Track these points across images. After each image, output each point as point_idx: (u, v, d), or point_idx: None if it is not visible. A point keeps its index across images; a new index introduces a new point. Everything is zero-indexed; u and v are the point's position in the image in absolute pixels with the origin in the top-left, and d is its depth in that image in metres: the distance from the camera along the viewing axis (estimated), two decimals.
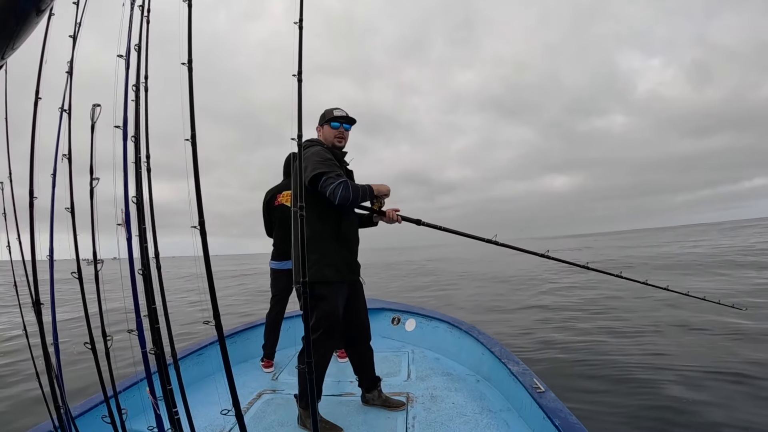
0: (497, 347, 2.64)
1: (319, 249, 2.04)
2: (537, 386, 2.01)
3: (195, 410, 1.39)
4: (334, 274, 2.06)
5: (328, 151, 2.11)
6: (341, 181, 1.94)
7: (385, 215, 2.20)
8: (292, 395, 2.54)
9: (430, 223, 2.24)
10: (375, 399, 2.37)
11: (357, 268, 2.22)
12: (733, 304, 2.80)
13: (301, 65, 1.18)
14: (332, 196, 1.93)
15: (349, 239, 2.17)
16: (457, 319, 3.31)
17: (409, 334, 3.59)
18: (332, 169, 1.99)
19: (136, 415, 1.71)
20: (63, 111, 1.44)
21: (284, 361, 3.22)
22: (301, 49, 1.19)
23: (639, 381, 3.65)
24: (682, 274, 11.23)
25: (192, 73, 1.11)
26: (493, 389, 2.50)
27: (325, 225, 2.07)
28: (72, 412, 1.59)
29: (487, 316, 7.15)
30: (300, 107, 1.17)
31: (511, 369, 2.27)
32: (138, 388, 2.12)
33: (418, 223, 2.23)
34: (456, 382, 2.65)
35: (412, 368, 2.96)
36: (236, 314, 8.78)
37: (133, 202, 1.13)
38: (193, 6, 1.19)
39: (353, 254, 2.21)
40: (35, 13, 0.97)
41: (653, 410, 3.08)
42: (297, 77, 1.18)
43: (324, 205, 2.02)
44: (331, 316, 2.06)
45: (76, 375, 3.95)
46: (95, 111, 1.27)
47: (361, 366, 2.37)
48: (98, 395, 1.99)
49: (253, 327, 3.50)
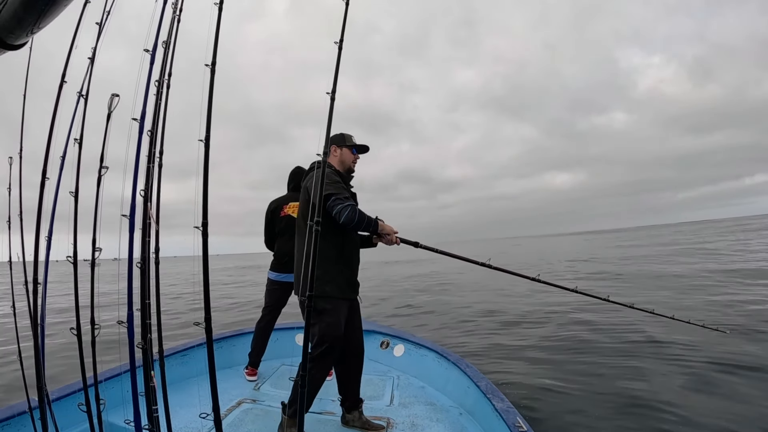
0: (483, 382, 2.61)
1: (322, 266, 2.10)
2: (520, 425, 1.98)
3: (173, 411, 1.37)
4: (336, 291, 2.14)
5: (337, 174, 2.22)
6: (349, 204, 2.03)
7: (386, 237, 2.27)
8: (271, 406, 2.51)
9: (427, 246, 2.31)
10: (355, 420, 2.36)
11: (356, 287, 2.30)
12: (717, 327, 2.86)
13: (336, 84, 1.19)
14: (338, 216, 2.01)
15: (351, 259, 2.26)
16: (445, 350, 3.28)
17: (396, 359, 3.55)
18: (340, 192, 2.08)
19: (115, 407, 1.69)
20: (81, 96, 1.45)
21: (268, 372, 3.17)
22: (337, 70, 1.21)
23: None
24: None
25: (214, 75, 1.12)
26: (475, 424, 2.46)
27: (329, 244, 2.14)
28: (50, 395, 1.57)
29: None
30: (330, 124, 1.18)
31: (495, 405, 2.23)
32: (119, 380, 2.09)
33: (415, 246, 2.31)
34: (438, 412, 2.61)
35: (395, 393, 2.92)
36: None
37: (141, 195, 1.13)
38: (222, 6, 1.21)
39: (354, 274, 2.28)
40: None
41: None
42: (330, 96, 1.19)
43: (329, 225, 2.09)
44: (334, 330, 2.11)
45: (63, 362, 3.91)
46: (113, 101, 1.28)
47: (348, 384, 2.36)
48: (78, 382, 1.96)
49: (240, 334, 3.47)
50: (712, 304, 7.06)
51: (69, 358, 3.87)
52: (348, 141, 2.34)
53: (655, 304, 3.02)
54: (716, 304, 7.10)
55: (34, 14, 1.01)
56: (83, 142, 1.42)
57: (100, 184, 1.36)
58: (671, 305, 6.98)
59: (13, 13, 1.00)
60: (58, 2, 1.00)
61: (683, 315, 2.90)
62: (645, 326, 5.74)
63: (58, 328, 6.64)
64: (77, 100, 1.42)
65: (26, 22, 1.03)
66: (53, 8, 1.02)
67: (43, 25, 1.06)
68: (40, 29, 1.09)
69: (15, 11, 1.00)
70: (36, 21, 1.03)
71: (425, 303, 9.67)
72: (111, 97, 1.29)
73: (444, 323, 7.25)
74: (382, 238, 2.29)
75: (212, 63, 1.15)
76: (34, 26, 1.05)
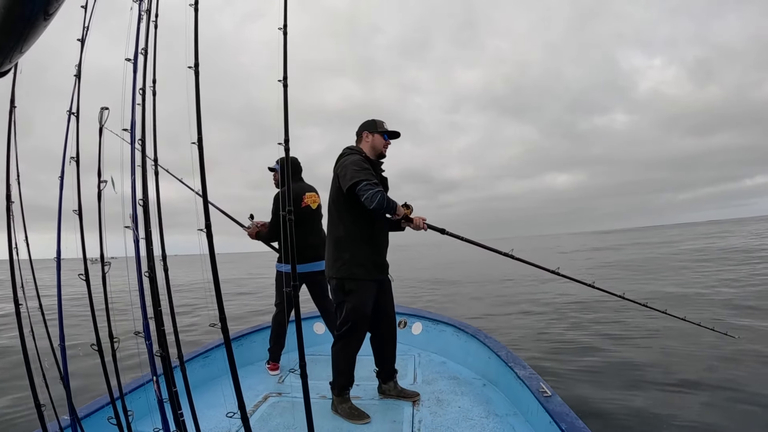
0: (504, 351, 2.62)
1: (351, 249, 2.25)
2: (544, 390, 1.99)
3: (201, 412, 1.39)
4: (363, 273, 2.26)
5: (366, 161, 2.29)
6: (378, 190, 2.12)
7: (413, 222, 2.36)
8: (297, 397, 2.54)
9: (454, 234, 2.39)
10: (391, 390, 2.50)
11: (385, 268, 2.42)
12: (726, 332, 2.80)
13: (286, 71, 1.20)
14: (368, 201, 2.10)
15: (380, 242, 2.39)
16: (463, 323, 3.29)
17: (415, 337, 3.58)
18: (369, 178, 2.16)
19: (142, 416, 1.72)
20: (71, 114, 1.45)
21: (290, 364, 3.20)
22: (286, 54, 1.22)
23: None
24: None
25: (198, 77, 1.12)
26: (499, 393, 2.48)
27: (358, 228, 2.27)
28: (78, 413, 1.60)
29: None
30: (286, 112, 1.19)
31: (517, 373, 2.25)
32: (144, 390, 2.12)
33: (442, 232, 2.39)
34: (462, 386, 2.63)
35: (418, 372, 2.94)
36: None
37: (140, 204, 1.14)
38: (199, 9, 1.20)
39: (382, 256, 2.40)
40: (43, 17, 0.97)
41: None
42: (283, 83, 1.20)
43: (359, 210, 2.21)
44: (359, 310, 2.25)
45: (78, 375, 3.97)
46: (103, 114, 1.28)
47: (383, 356, 2.50)
48: (104, 397, 1.99)
49: (259, 330, 3.49)
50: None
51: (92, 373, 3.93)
52: (380, 127, 2.41)
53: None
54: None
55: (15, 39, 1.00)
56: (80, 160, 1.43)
57: (101, 200, 1.36)
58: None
59: None
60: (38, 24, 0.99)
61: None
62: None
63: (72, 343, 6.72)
64: (68, 119, 1.42)
65: (7, 48, 1.02)
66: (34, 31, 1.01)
67: (26, 49, 1.05)
68: (22, 54, 1.08)
69: None
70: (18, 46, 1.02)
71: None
72: (101, 110, 1.29)
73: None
74: (410, 223, 2.37)
75: (195, 65, 1.15)
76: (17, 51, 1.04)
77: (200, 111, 1.10)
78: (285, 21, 1.28)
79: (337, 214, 2.31)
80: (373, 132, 2.40)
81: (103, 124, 1.28)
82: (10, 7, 0.93)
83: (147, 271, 1.15)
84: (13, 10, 0.94)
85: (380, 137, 2.40)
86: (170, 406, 1.27)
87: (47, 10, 0.95)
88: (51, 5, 0.95)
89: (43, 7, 0.94)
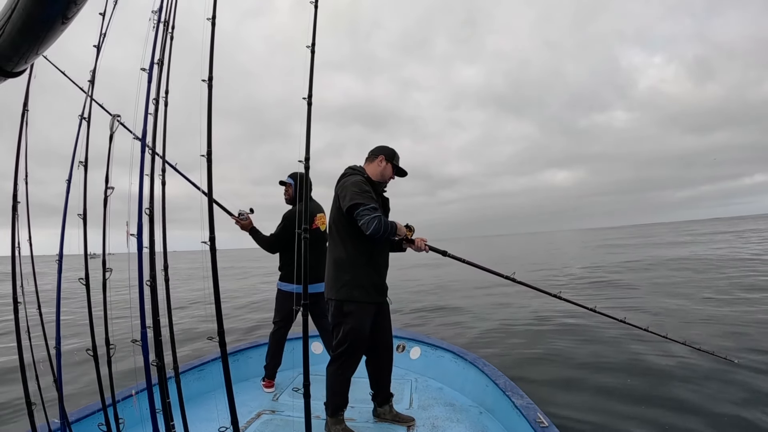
0: (502, 379, 2.59)
1: (352, 271, 2.23)
2: (541, 421, 1.96)
3: (192, 426, 1.37)
4: (363, 295, 2.24)
5: (367, 183, 2.27)
6: (375, 216, 2.10)
7: (414, 243, 2.35)
8: (291, 416, 2.52)
9: (455, 256, 2.37)
10: (386, 414, 2.47)
11: (384, 291, 2.38)
12: (726, 356, 2.77)
13: (311, 88, 1.20)
14: (365, 227, 2.09)
15: (380, 264, 2.35)
16: (462, 350, 3.26)
17: (413, 362, 3.54)
18: (368, 202, 2.14)
19: (134, 425, 1.70)
20: (83, 119, 1.47)
21: (286, 382, 3.17)
22: (312, 73, 1.21)
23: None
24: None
25: (212, 90, 1.13)
26: (495, 422, 2.44)
27: (359, 250, 2.25)
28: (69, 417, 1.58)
29: None
30: (308, 130, 1.18)
31: (515, 402, 2.22)
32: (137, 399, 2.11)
33: (443, 254, 2.37)
34: (458, 413, 2.60)
35: (414, 396, 2.90)
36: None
37: (146, 213, 1.14)
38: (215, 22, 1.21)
39: (382, 278, 2.37)
40: (61, 20, 0.99)
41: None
42: (307, 100, 1.20)
43: (359, 231, 2.17)
44: (357, 332, 2.22)
45: (73, 380, 3.94)
46: (114, 123, 1.29)
47: (379, 380, 2.47)
48: (96, 402, 1.97)
49: (256, 346, 3.47)
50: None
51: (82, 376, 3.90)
52: (396, 159, 2.42)
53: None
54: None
55: (33, 41, 1.02)
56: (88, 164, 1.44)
57: (107, 206, 1.37)
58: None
59: (11, 41, 1.01)
60: (55, 28, 1.00)
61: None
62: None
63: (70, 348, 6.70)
64: (79, 123, 1.43)
65: (24, 49, 1.04)
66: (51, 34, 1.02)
67: (42, 51, 1.07)
68: (38, 56, 1.09)
69: (13, 39, 1.01)
70: (35, 48, 1.04)
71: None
72: (112, 118, 1.30)
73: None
74: (411, 244, 2.36)
75: (209, 78, 1.16)
76: (33, 53, 1.06)
77: (211, 124, 1.10)
78: (314, 40, 1.28)
79: (338, 235, 2.29)
80: (389, 161, 2.40)
81: (114, 131, 1.29)
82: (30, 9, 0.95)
83: (149, 280, 1.15)
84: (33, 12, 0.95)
85: (391, 169, 2.40)
86: (162, 417, 1.26)
87: (66, 14, 0.97)
88: (70, 10, 0.96)
89: (62, 11, 0.96)
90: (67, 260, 1.58)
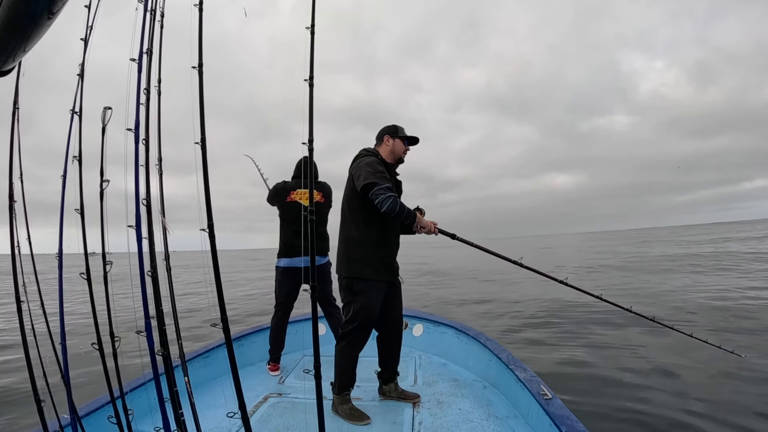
0: (505, 354, 2.62)
1: (362, 250, 2.29)
2: (544, 393, 2.00)
3: (201, 412, 1.39)
4: (373, 274, 2.29)
5: (381, 164, 2.33)
6: (391, 195, 2.15)
7: (425, 226, 2.37)
8: (297, 398, 2.55)
9: (464, 239, 2.40)
10: (392, 391, 2.51)
11: (395, 270, 2.43)
12: (733, 350, 2.76)
13: (313, 70, 1.19)
14: (380, 205, 2.14)
15: (391, 244, 2.41)
16: (464, 325, 3.29)
17: (416, 339, 3.58)
18: (383, 181, 2.18)
19: (143, 416, 1.72)
20: (74, 113, 1.46)
21: (291, 365, 3.21)
22: (312, 54, 1.20)
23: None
24: None
25: (202, 77, 1.12)
26: (499, 396, 2.48)
27: (370, 230, 2.30)
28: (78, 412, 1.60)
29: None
30: (311, 112, 1.17)
31: (518, 375, 2.25)
32: (145, 389, 2.13)
33: (453, 237, 2.40)
34: (463, 388, 2.63)
35: (418, 373, 2.94)
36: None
37: (144, 204, 1.14)
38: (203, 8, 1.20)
39: (392, 258, 2.43)
40: (47, 16, 0.97)
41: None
42: (309, 82, 1.19)
43: (372, 211, 2.23)
44: (367, 310, 2.28)
45: (80, 374, 3.97)
46: (106, 114, 1.28)
47: (387, 357, 2.51)
48: (105, 396, 1.99)
49: (260, 330, 3.49)
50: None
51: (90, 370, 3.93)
52: (400, 132, 2.44)
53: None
54: None
55: (20, 38, 1.00)
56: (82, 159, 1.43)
57: (103, 198, 1.37)
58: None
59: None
60: (41, 23, 0.99)
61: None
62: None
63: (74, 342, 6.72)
64: (71, 118, 1.42)
65: (11, 47, 1.03)
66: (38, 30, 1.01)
67: (29, 48, 1.06)
68: (26, 53, 1.08)
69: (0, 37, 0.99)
70: (22, 45, 1.02)
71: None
72: (104, 110, 1.29)
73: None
74: (422, 230, 2.38)
75: (199, 65, 1.15)
76: (20, 50, 1.05)
77: (203, 110, 1.10)
78: (313, 21, 1.27)
79: (350, 214, 2.33)
80: (394, 137, 2.43)
81: (106, 123, 1.28)
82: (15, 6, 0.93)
83: (150, 270, 1.15)
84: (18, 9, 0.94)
85: (401, 142, 2.43)
86: (171, 406, 1.27)
87: (51, 9, 0.96)
88: (55, 4, 0.95)
89: (47, 6, 0.95)
90: (67, 259, 1.58)
